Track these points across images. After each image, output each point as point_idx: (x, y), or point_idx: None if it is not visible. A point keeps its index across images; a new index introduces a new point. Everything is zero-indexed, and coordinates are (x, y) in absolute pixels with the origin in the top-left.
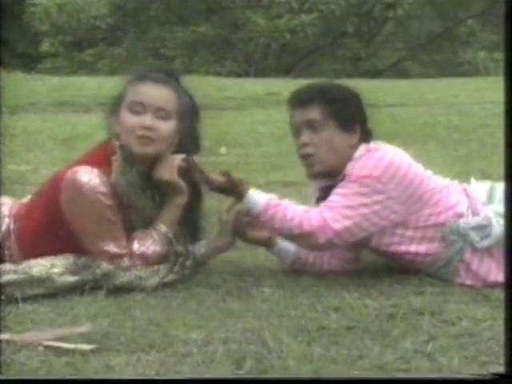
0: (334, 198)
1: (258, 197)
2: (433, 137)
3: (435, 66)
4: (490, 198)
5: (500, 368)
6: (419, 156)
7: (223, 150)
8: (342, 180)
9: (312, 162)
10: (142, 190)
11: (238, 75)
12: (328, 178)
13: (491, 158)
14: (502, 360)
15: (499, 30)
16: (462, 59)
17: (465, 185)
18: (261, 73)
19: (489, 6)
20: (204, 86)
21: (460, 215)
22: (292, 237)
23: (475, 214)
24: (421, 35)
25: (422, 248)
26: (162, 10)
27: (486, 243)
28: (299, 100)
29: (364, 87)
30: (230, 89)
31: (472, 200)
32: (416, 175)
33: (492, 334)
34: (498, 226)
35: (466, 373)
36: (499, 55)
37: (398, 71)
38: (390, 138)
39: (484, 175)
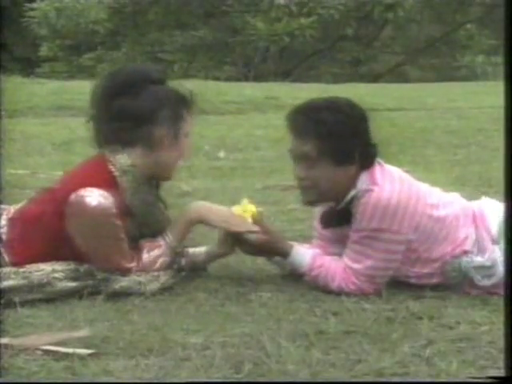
0: (359, 256)
1: (301, 258)
2: (431, 141)
3: (434, 70)
4: (502, 231)
5: (498, 372)
6: (418, 160)
7: (222, 154)
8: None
9: (308, 193)
10: (154, 205)
11: (237, 79)
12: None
13: (490, 163)
14: (500, 364)
15: (497, 34)
16: (461, 63)
17: (476, 207)
18: (260, 77)
19: (487, 11)
20: (203, 91)
21: (465, 252)
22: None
23: (481, 250)
24: (419, 39)
25: (423, 280)
26: (161, 14)
27: (488, 282)
28: (295, 128)
29: (363, 91)
30: (229, 93)
31: (480, 234)
32: (424, 210)
33: (490, 338)
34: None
35: (464, 377)
36: (497, 59)
37: (396, 75)
38: (388, 142)
39: (482, 179)
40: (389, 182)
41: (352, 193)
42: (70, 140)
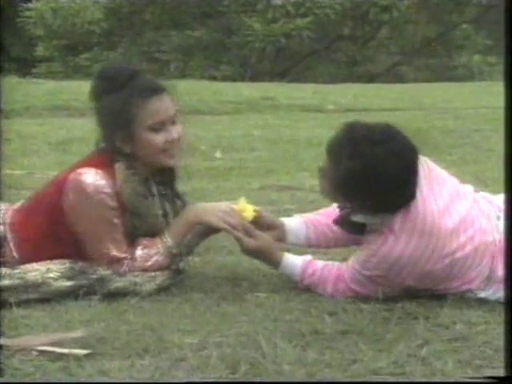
0: (358, 281)
1: (292, 267)
2: (427, 141)
3: (430, 70)
4: None
5: (494, 372)
6: None
7: (218, 154)
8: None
9: (322, 185)
10: (145, 198)
11: (233, 79)
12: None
13: (485, 163)
14: (496, 364)
15: (493, 34)
16: (457, 63)
17: (502, 236)
18: (256, 77)
19: (483, 11)
20: (199, 91)
21: (471, 290)
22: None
23: (489, 284)
24: (416, 40)
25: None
26: (157, 15)
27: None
28: (333, 149)
29: (359, 91)
30: (225, 93)
31: (494, 270)
32: (435, 264)
33: (486, 337)
34: None
35: (460, 377)
36: (493, 59)
37: (392, 75)
38: None
39: (478, 179)
40: (406, 235)
41: (369, 220)
42: (67, 140)
